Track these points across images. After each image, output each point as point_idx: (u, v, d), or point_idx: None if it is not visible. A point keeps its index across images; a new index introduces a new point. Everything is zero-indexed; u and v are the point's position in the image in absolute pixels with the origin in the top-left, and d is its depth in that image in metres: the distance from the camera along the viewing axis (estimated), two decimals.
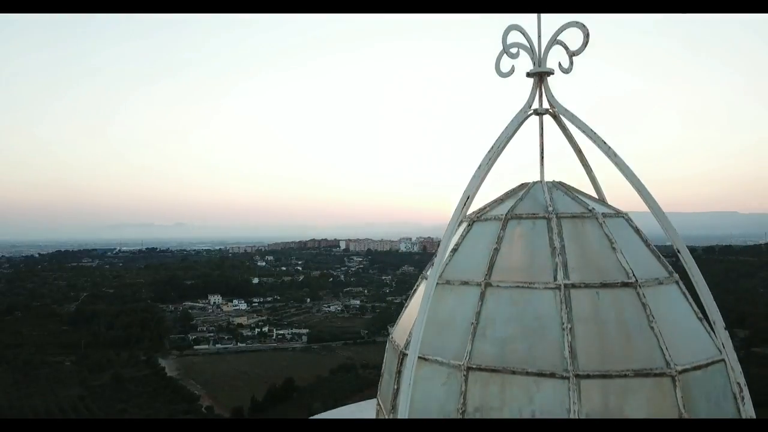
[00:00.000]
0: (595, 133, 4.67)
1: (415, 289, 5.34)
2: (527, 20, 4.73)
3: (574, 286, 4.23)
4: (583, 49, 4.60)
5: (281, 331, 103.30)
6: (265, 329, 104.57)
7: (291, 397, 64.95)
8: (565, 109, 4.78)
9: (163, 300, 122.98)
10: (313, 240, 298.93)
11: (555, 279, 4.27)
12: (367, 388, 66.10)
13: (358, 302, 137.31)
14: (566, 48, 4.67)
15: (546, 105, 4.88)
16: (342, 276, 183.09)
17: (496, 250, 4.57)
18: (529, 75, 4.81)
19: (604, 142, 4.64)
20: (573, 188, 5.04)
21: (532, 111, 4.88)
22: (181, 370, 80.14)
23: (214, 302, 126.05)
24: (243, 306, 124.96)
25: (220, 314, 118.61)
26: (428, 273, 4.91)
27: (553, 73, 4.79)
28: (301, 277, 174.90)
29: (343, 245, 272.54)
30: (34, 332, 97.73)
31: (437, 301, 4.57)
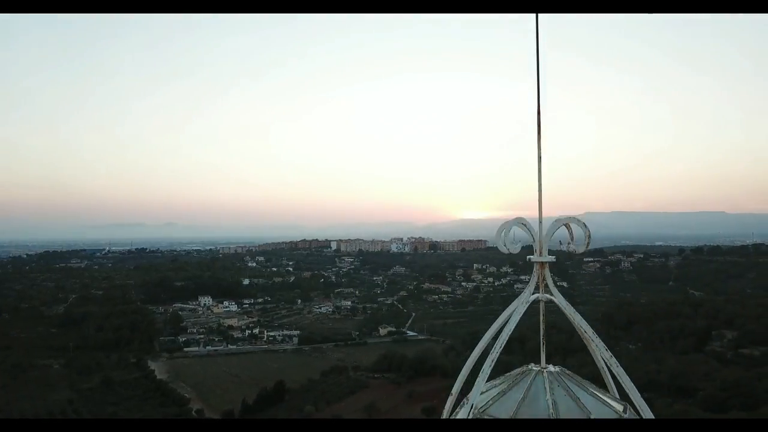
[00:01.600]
0: (584, 322, 4.77)
1: None
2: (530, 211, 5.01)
3: None
4: (584, 249, 4.83)
5: (272, 333, 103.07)
6: (256, 331, 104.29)
7: (282, 400, 64.77)
8: (561, 297, 4.97)
9: (153, 301, 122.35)
10: (304, 240, 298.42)
11: None
12: (359, 390, 66.19)
13: (349, 303, 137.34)
14: (569, 242, 4.93)
15: (546, 294, 5.07)
16: (333, 277, 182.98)
17: None
18: (530, 261, 5.04)
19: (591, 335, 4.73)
20: (575, 379, 4.89)
21: (534, 298, 5.05)
22: (171, 373, 79.68)
23: (205, 304, 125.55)
24: (234, 307, 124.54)
25: (211, 316, 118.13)
26: None
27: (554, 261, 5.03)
28: (292, 278, 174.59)
29: (334, 246, 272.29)
30: (22, 335, 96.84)
31: None
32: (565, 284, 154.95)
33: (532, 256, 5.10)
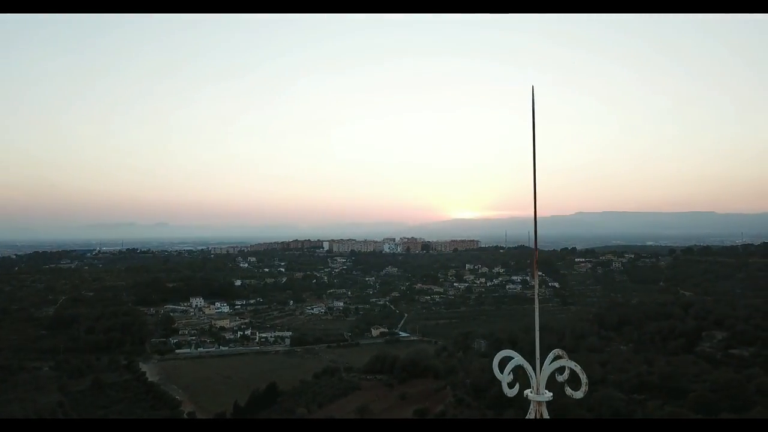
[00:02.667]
0: None
1: None
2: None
3: None
4: (581, 395, 4.83)
5: (264, 334, 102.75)
6: (248, 332, 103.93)
7: (274, 402, 64.57)
8: None
9: (145, 303, 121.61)
10: (296, 241, 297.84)
11: None
12: (351, 392, 66.09)
13: (341, 304, 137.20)
14: (564, 384, 4.92)
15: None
16: (325, 277, 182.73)
17: None
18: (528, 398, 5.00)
19: None
20: None
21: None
22: (163, 375, 79.17)
23: (196, 305, 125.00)
24: (225, 309, 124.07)
25: (202, 317, 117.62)
26: None
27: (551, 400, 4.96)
28: (284, 279, 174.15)
29: (326, 246, 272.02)
30: (11, 337, 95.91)
31: None
32: (556, 285, 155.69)
33: (529, 393, 4.99)
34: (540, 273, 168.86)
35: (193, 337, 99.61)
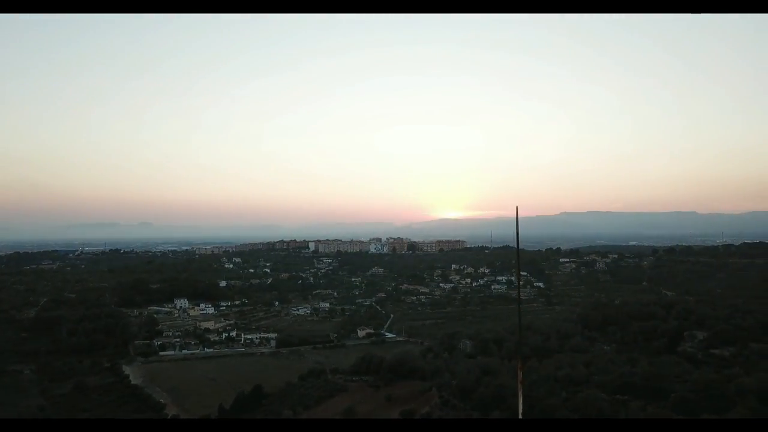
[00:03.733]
0: None
1: None
2: None
3: None
4: None
5: (249, 336, 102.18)
6: (233, 334, 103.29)
7: (260, 404, 64.27)
8: None
9: (128, 304, 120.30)
10: (282, 241, 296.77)
11: None
12: (337, 394, 65.99)
13: (327, 305, 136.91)
14: None
15: None
16: (311, 278, 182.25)
17: None
18: None
19: None
20: None
21: None
22: (146, 378, 78.41)
23: (181, 306, 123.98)
24: (210, 310, 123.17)
25: (187, 319, 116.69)
26: None
27: None
28: (270, 280, 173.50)
29: (312, 246, 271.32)
30: None
31: None
32: (541, 285, 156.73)
33: None
34: (525, 273, 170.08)
35: (178, 339, 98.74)
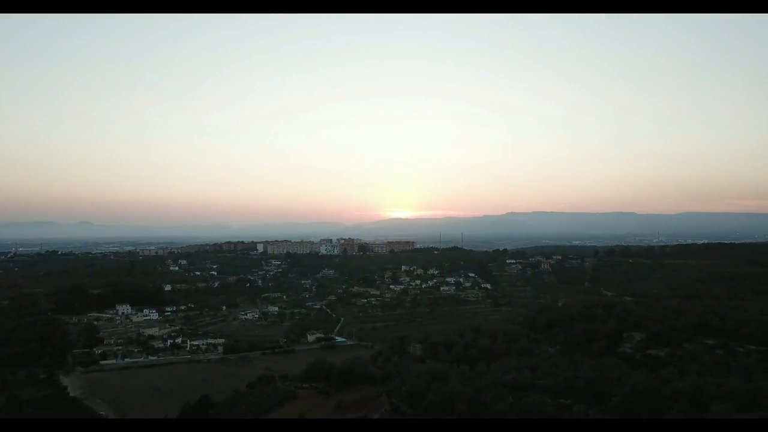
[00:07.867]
0: None
1: None
2: None
3: None
4: None
5: (195, 342, 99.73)
6: (179, 340, 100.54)
7: (207, 414, 62.84)
8: None
9: (67, 311, 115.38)
10: (229, 242, 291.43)
11: None
12: (287, 402, 65.28)
13: (276, 309, 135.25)
14: None
15: None
16: (260, 281, 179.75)
17: None
18: None
19: None
20: None
21: None
22: (86, 389, 75.27)
23: (123, 312, 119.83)
24: (154, 316, 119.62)
25: (130, 325, 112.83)
26: None
27: None
28: (217, 283, 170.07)
29: (261, 248, 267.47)
30: None
31: None
32: (489, 286, 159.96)
33: None
34: (473, 275, 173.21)
35: (120, 347, 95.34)
